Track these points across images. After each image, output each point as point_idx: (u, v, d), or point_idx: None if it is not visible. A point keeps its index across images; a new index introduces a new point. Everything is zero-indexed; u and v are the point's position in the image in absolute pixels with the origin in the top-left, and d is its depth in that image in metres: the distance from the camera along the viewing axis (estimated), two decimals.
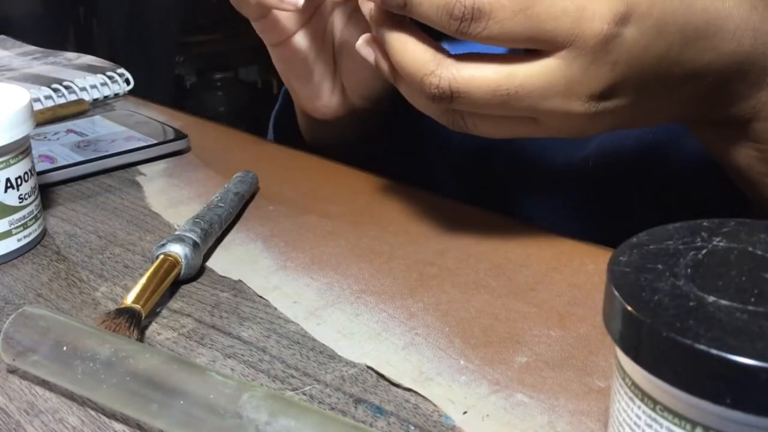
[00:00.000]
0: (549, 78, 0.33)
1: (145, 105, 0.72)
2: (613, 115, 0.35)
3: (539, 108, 0.34)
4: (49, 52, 0.88)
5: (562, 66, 0.33)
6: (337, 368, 0.32)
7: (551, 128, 0.36)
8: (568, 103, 0.34)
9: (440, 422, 0.29)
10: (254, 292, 0.38)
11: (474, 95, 0.34)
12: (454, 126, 0.38)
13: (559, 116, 0.35)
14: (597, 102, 0.34)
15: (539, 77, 0.33)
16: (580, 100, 0.34)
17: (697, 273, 0.21)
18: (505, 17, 0.32)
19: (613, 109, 0.35)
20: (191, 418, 0.27)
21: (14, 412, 0.30)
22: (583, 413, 0.29)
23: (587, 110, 0.34)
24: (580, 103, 0.34)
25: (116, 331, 0.32)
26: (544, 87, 0.34)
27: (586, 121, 0.35)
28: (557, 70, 0.33)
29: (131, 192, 0.51)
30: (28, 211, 0.42)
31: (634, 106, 0.35)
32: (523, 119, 0.36)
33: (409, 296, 0.37)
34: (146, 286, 0.35)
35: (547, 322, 0.35)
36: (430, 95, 0.35)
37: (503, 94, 0.34)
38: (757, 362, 0.17)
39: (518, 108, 0.35)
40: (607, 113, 0.35)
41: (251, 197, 0.49)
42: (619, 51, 0.33)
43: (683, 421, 0.19)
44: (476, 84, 0.34)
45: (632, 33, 0.33)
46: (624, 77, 0.34)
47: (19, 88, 0.44)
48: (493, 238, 0.43)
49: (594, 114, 0.35)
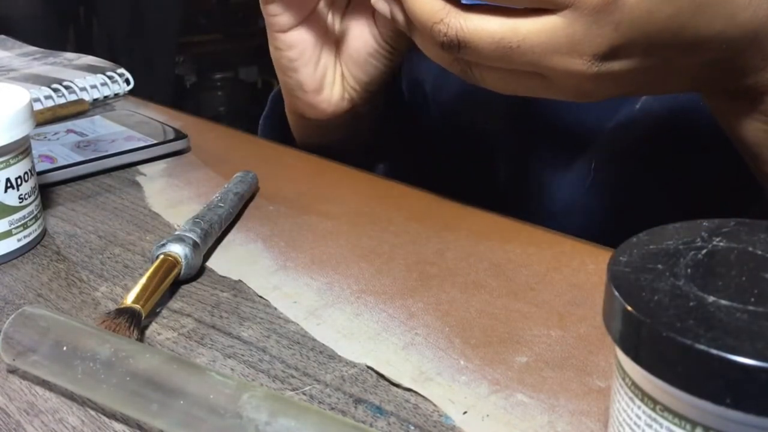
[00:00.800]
0: (551, 35, 0.34)
1: (145, 105, 0.72)
2: (619, 78, 0.36)
3: (542, 64, 0.35)
4: (49, 53, 0.88)
5: (564, 24, 0.34)
6: (337, 368, 0.32)
7: (556, 87, 0.37)
8: (570, 61, 0.35)
9: (440, 422, 0.29)
10: (254, 292, 0.38)
11: (479, 45, 0.35)
12: (463, 75, 0.39)
13: (563, 74, 0.35)
14: (600, 62, 0.35)
15: (541, 33, 0.34)
16: (582, 59, 0.34)
17: (697, 273, 0.21)
18: None
19: (618, 72, 0.35)
20: (191, 418, 0.27)
21: (14, 412, 0.30)
22: (583, 413, 0.29)
23: (589, 69, 0.35)
24: (582, 62, 0.34)
25: (116, 331, 0.32)
26: (547, 43, 0.34)
27: (590, 81, 0.35)
28: (560, 27, 0.34)
29: (131, 192, 0.51)
30: (28, 211, 0.42)
31: (639, 72, 0.36)
32: (530, 75, 0.37)
33: (409, 296, 0.37)
34: (146, 286, 0.35)
35: (547, 322, 0.35)
36: (438, 43, 0.37)
37: (506, 46, 0.35)
38: (757, 362, 0.17)
39: (521, 62, 0.35)
40: (612, 75, 0.35)
41: (251, 197, 0.49)
42: (621, 13, 0.33)
43: (683, 421, 0.19)
44: (481, 35, 0.35)
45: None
46: (628, 39, 0.34)
47: (19, 88, 0.44)
48: (493, 238, 0.43)
49: (597, 74, 0.35)
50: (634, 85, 0.37)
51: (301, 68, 0.51)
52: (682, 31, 0.34)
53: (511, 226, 0.45)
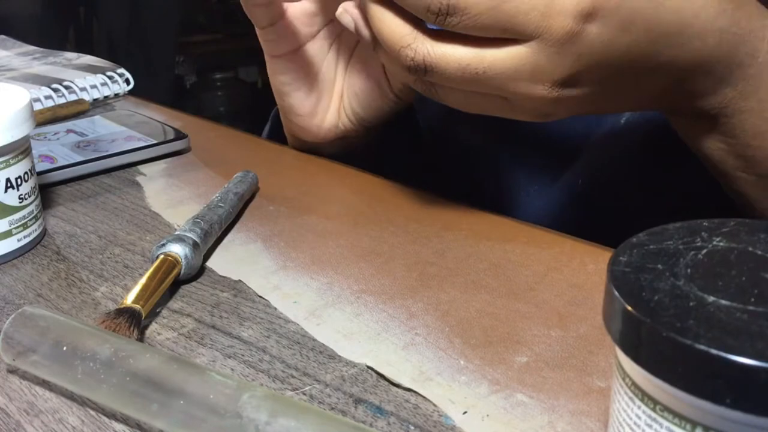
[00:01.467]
0: (516, 63, 0.36)
1: (145, 105, 0.72)
2: (577, 100, 0.38)
3: (506, 89, 0.37)
4: (49, 52, 0.88)
5: (529, 53, 0.35)
6: (337, 368, 0.32)
7: (518, 108, 0.38)
8: (533, 87, 0.36)
9: (440, 422, 0.29)
10: (254, 292, 0.38)
11: (445, 71, 0.37)
12: (427, 93, 0.40)
13: (524, 98, 0.37)
14: (560, 88, 0.36)
15: (506, 61, 0.36)
16: (544, 85, 0.36)
17: (697, 273, 0.21)
18: (479, 12, 0.34)
19: (576, 96, 0.37)
20: (191, 418, 0.27)
21: (14, 412, 0.30)
22: (583, 413, 0.29)
23: (550, 94, 0.37)
24: (543, 88, 0.36)
25: (116, 331, 0.32)
26: (511, 70, 0.36)
27: (550, 104, 0.37)
28: (525, 56, 0.36)
29: (131, 192, 0.51)
30: (28, 211, 0.42)
31: (597, 94, 0.38)
32: (493, 97, 0.38)
33: (409, 296, 0.37)
34: (146, 286, 0.35)
35: (547, 322, 0.35)
36: (405, 66, 0.38)
37: (472, 72, 0.36)
38: (757, 362, 0.17)
39: (487, 86, 0.37)
40: (571, 99, 0.37)
41: (251, 197, 0.49)
42: (583, 44, 0.35)
43: (683, 421, 0.19)
44: (447, 61, 0.36)
45: (597, 29, 0.34)
46: (587, 68, 0.36)
47: (19, 88, 0.44)
48: (493, 238, 0.43)
49: (557, 98, 0.37)
50: (593, 105, 0.39)
51: (293, 93, 0.51)
52: (638, 59, 0.36)
53: (511, 226, 0.45)
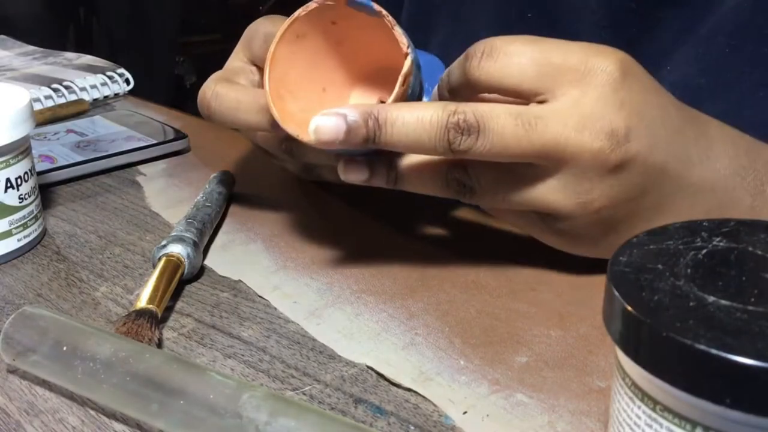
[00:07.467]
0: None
1: (145, 105, 0.72)
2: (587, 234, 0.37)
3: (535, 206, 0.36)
4: (49, 52, 0.88)
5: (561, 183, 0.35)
6: (337, 368, 0.32)
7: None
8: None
9: (440, 422, 0.29)
10: (254, 292, 0.38)
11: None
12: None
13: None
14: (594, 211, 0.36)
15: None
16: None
17: (697, 273, 0.21)
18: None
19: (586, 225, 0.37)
20: (191, 418, 0.27)
21: (14, 412, 0.30)
22: (583, 413, 0.29)
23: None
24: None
25: (138, 332, 0.32)
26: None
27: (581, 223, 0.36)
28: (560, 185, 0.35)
29: (131, 192, 0.51)
30: (28, 211, 0.42)
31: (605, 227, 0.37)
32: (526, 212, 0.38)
33: (409, 296, 0.37)
34: (157, 287, 0.36)
35: (547, 322, 0.35)
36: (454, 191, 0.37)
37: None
38: (757, 362, 0.17)
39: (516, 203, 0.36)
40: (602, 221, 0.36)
41: (233, 197, 0.49)
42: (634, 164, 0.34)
43: (683, 421, 0.19)
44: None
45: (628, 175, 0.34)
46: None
47: (19, 88, 0.44)
48: (493, 238, 0.43)
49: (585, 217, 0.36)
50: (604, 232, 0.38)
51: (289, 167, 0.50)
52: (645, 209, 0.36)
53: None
